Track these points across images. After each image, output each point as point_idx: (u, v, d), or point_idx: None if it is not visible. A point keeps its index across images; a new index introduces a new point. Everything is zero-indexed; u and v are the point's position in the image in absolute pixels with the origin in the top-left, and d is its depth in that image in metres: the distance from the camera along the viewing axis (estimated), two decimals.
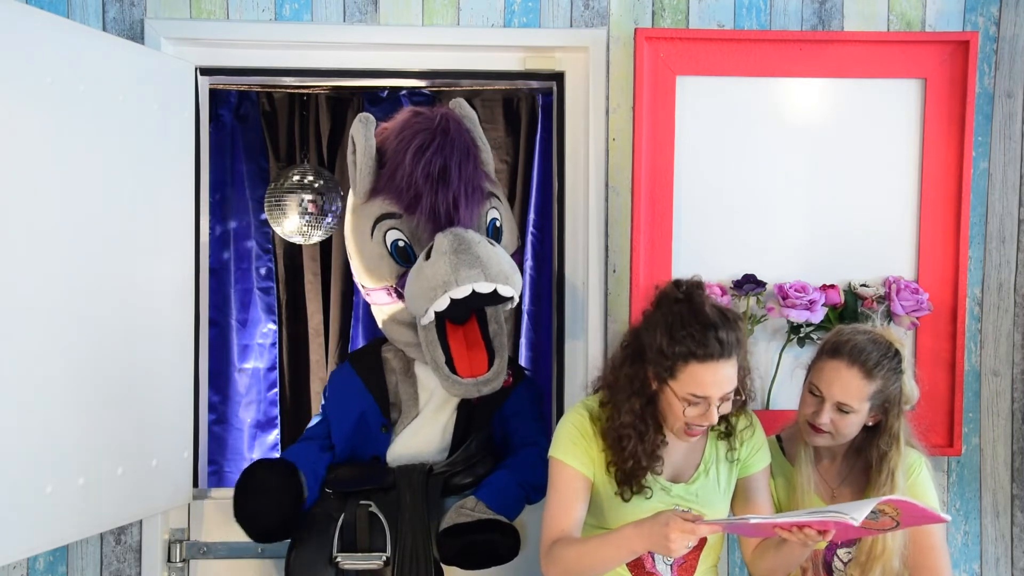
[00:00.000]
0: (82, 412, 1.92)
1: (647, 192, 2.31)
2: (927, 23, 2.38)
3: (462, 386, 2.08)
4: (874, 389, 1.84)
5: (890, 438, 1.88)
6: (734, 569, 2.38)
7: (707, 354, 1.69)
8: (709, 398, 1.71)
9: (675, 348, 1.70)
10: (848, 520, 1.52)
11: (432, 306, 2.00)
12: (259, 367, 3.73)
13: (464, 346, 2.10)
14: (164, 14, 2.28)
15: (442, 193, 2.08)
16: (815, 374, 1.89)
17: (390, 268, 2.16)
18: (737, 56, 2.31)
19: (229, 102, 3.61)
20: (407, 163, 2.09)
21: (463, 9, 2.33)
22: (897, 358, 1.86)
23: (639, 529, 1.64)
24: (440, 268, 1.98)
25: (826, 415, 1.85)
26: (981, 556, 2.47)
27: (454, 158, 2.10)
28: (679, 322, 1.71)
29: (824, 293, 2.29)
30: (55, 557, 2.31)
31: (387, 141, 2.18)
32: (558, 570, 1.74)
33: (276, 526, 2.04)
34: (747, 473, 1.90)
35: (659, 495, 1.81)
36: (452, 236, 2.02)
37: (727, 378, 1.71)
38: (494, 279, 1.99)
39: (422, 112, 2.19)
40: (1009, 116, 2.41)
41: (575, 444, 1.82)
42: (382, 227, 2.15)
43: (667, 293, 1.79)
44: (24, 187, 1.79)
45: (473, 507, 2.03)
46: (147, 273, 2.10)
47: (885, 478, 1.87)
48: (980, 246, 2.42)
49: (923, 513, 1.63)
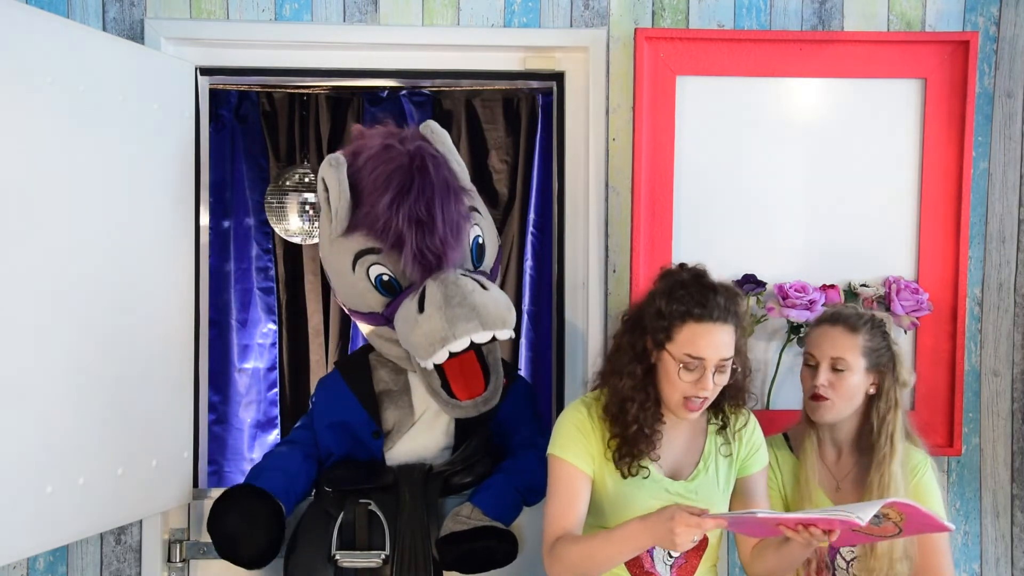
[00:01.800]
0: (82, 412, 1.92)
1: (647, 192, 2.31)
2: (927, 23, 2.38)
3: (462, 408, 2.09)
4: (862, 343, 1.92)
5: (888, 401, 1.94)
6: (733, 570, 2.38)
7: (705, 314, 1.70)
8: (705, 360, 1.71)
9: (673, 307, 1.72)
10: (854, 519, 1.52)
11: (432, 359, 1.98)
12: (259, 367, 3.73)
13: (459, 368, 2.08)
14: (164, 14, 2.28)
15: (428, 238, 2.01)
16: (807, 346, 2.00)
17: (376, 299, 2.11)
18: (737, 56, 2.31)
19: (229, 102, 3.61)
20: (385, 207, 2.01)
21: (463, 9, 2.33)
22: (878, 320, 1.97)
23: (644, 523, 1.64)
24: (436, 324, 1.95)
25: (823, 375, 1.92)
26: (981, 556, 2.47)
27: (436, 201, 2.02)
28: (681, 285, 1.75)
29: (824, 293, 2.29)
30: (55, 557, 2.31)
31: (360, 173, 2.07)
32: (562, 568, 1.73)
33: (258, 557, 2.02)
34: (746, 473, 1.90)
35: (659, 492, 1.80)
36: (444, 287, 1.98)
37: (724, 343, 1.72)
38: (491, 327, 1.97)
39: (393, 145, 2.07)
40: (1009, 116, 2.41)
41: (575, 441, 1.81)
42: (364, 262, 2.08)
43: (670, 269, 1.84)
44: (24, 187, 1.79)
45: (469, 514, 2.03)
46: (147, 273, 2.10)
47: (884, 441, 1.92)
48: (980, 246, 2.42)
49: (928, 520, 1.62)
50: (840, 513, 1.55)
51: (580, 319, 2.40)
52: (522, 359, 3.59)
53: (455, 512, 2.05)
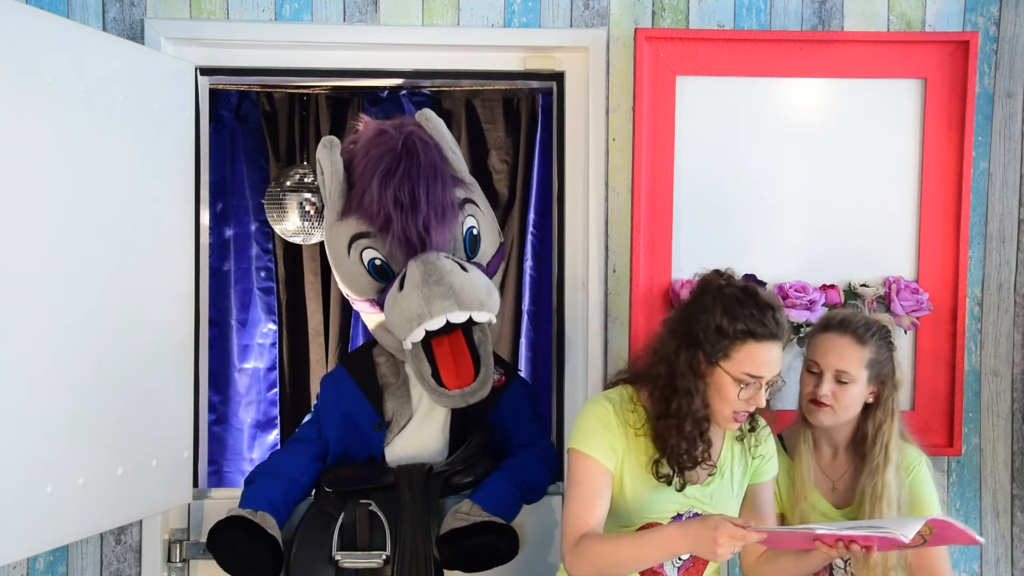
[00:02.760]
0: (82, 412, 1.92)
1: (647, 192, 2.31)
2: (927, 23, 2.38)
3: (449, 398, 2.08)
4: (869, 356, 1.88)
5: (885, 411, 1.92)
6: (733, 570, 2.38)
7: (766, 333, 1.70)
8: (762, 378, 1.71)
9: (736, 327, 1.70)
10: (899, 537, 1.52)
11: (409, 337, 2.01)
12: (259, 367, 3.73)
13: (450, 357, 2.08)
14: (164, 14, 2.28)
15: (412, 219, 2.05)
16: (811, 351, 1.95)
17: (369, 284, 2.16)
18: (737, 56, 2.31)
19: (229, 102, 3.60)
20: (374, 188, 2.05)
21: (463, 9, 2.33)
22: (884, 330, 1.93)
23: (684, 530, 1.62)
24: (413, 301, 1.98)
25: (826, 386, 1.89)
26: (981, 556, 2.47)
27: (421, 183, 2.06)
28: (737, 302, 1.72)
29: (824, 293, 2.29)
30: (55, 557, 2.31)
31: (354, 160, 2.14)
32: (588, 566, 1.69)
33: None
34: (758, 480, 1.89)
35: (674, 495, 1.78)
36: (423, 266, 2.00)
37: (778, 360, 1.73)
38: (467, 307, 1.99)
39: (387, 131, 2.13)
40: (1009, 116, 2.41)
41: (597, 436, 1.76)
42: (358, 246, 2.13)
43: (710, 280, 1.80)
44: (24, 187, 1.79)
45: (468, 510, 2.03)
46: (147, 273, 2.10)
47: (879, 450, 1.91)
48: (980, 246, 2.42)
49: (958, 533, 1.63)
50: (882, 531, 1.56)
51: (580, 319, 2.40)
52: (522, 359, 3.59)
53: (454, 509, 2.05)
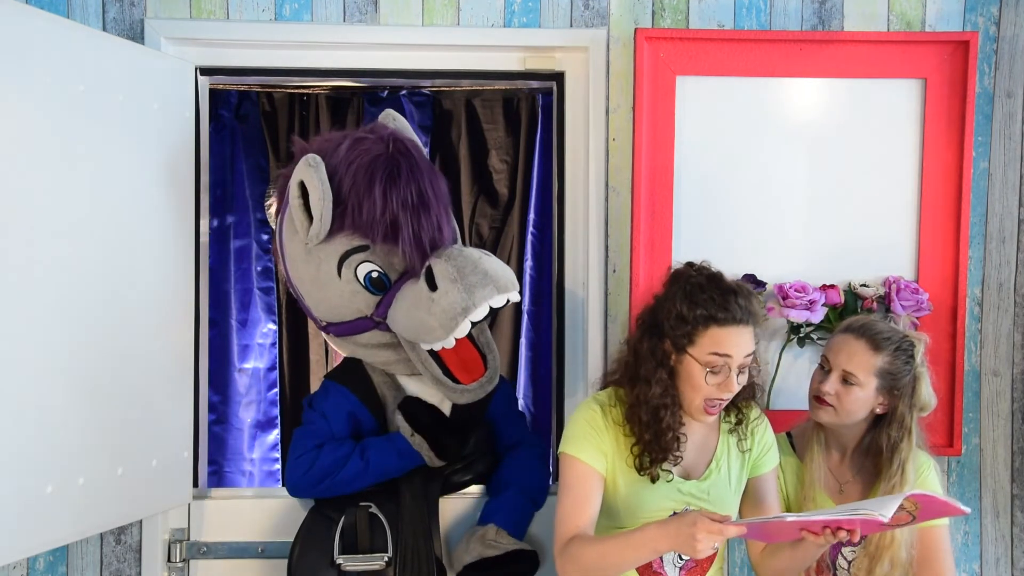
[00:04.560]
0: (82, 412, 1.92)
1: (647, 192, 2.31)
2: (927, 23, 2.38)
3: (469, 392, 2.09)
4: (880, 364, 1.86)
5: (901, 428, 1.88)
6: (733, 569, 2.38)
7: (728, 318, 1.69)
8: (730, 360, 1.70)
9: (695, 312, 1.70)
10: (877, 517, 1.52)
11: (454, 334, 1.98)
12: (259, 367, 3.72)
13: (455, 353, 2.08)
14: (164, 14, 2.28)
15: (425, 219, 2.03)
16: (826, 348, 1.94)
17: (366, 300, 2.10)
18: (737, 56, 2.31)
19: (229, 102, 3.60)
20: (377, 196, 2.00)
21: (463, 9, 2.33)
22: (908, 343, 1.89)
23: (664, 528, 1.62)
24: (454, 296, 1.94)
25: (831, 383, 1.88)
26: (981, 556, 2.47)
27: (425, 180, 2.05)
28: (699, 288, 1.72)
29: (824, 293, 2.29)
30: (55, 557, 2.31)
31: (335, 172, 2.03)
32: (576, 568, 1.70)
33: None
34: (757, 473, 1.89)
35: (671, 492, 1.79)
36: (453, 260, 1.97)
37: (746, 343, 1.72)
38: (504, 290, 1.98)
39: (364, 137, 2.07)
40: (1009, 116, 2.41)
41: (586, 439, 1.78)
42: (351, 263, 2.06)
43: (681, 271, 1.80)
44: (24, 187, 1.79)
45: (495, 537, 2.03)
46: (147, 273, 2.10)
47: (896, 469, 1.87)
48: (980, 246, 2.42)
49: (943, 506, 1.63)
50: (862, 512, 1.55)
51: (580, 319, 2.40)
52: (522, 359, 3.58)
53: (481, 535, 2.05)
